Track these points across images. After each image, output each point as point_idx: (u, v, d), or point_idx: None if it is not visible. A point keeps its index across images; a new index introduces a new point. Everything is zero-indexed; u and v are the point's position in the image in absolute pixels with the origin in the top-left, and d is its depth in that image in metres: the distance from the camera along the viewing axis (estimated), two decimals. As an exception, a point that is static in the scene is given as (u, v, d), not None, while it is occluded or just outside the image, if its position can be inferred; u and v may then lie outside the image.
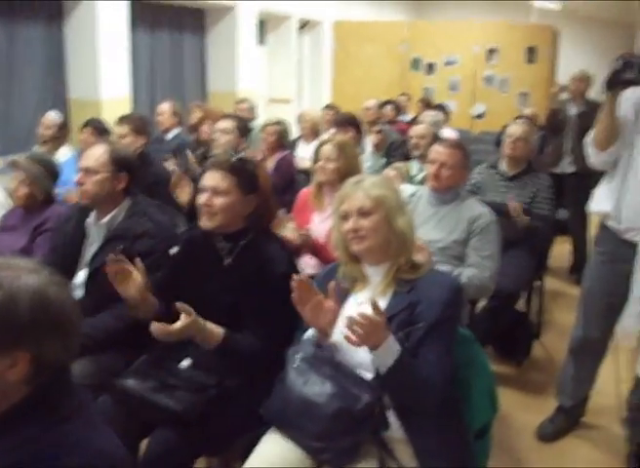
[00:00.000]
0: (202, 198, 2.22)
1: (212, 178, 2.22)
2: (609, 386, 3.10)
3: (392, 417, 1.86)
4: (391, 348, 1.77)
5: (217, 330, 2.11)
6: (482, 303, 3.53)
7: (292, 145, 5.57)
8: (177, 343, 2.14)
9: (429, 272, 2.00)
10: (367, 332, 1.71)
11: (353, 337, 1.73)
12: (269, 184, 2.43)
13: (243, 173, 2.25)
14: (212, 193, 2.20)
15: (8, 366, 1.16)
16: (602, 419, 3.25)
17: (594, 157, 2.76)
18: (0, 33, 6.01)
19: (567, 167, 5.33)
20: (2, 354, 1.16)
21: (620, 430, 3.04)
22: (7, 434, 1.17)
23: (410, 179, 4.12)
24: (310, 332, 1.99)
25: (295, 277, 1.89)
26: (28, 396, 1.20)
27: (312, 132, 5.78)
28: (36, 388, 1.21)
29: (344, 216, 2.01)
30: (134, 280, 2.13)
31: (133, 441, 2.08)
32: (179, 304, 1.99)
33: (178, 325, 1.98)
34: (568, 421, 3.16)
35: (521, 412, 3.31)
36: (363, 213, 1.97)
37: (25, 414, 1.19)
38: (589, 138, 2.75)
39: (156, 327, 1.98)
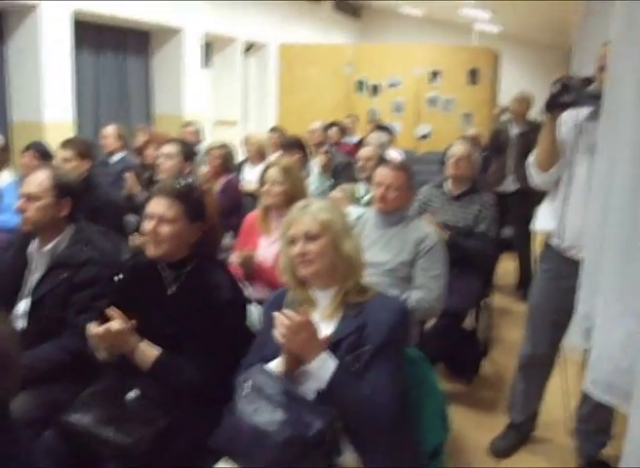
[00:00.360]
0: (148, 226, 2.19)
1: (158, 206, 2.19)
2: (557, 400, 3.14)
3: (345, 443, 1.85)
4: (326, 363, 1.79)
5: (152, 350, 2.09)
6: (431, 322, 3.55)
7: (238, 168, 5.55)
8: (123, 375, 2.10)
9: (377, 295, 2.00)
10: (291, 333, 1.75)
11: (280, 338, 1.76)
12: (216, 212, 2.41)
13: (190, 200, 2.23)
14: (158, 221, 2.17)
15: None
16: (552, 433, 3.30)
17: (536, 177, 2.83)
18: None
19: (510, 185, 5.45)
20: None
21: (570, 442, 3.11)
22: None
23: (357, 201, 4.14)
24: (274, 364, 1.95)
25: (279, 314, 1.85)
26: None
27: (258, 154, 5.78)
28: None
29: (292, 241, 2.00)
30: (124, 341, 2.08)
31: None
32: (109, 310, 1.99)
33: (112, 324, 1.99)
34: (519, 437, 3.20)
35: (473, 430, 3.34)
36: (310, 237, 1.97)
37: None
38: (531, 159, 2.82)
39: (94, 330, 1.97)
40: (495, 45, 11.29)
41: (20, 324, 2.47)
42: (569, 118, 2.66)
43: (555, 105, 2.57)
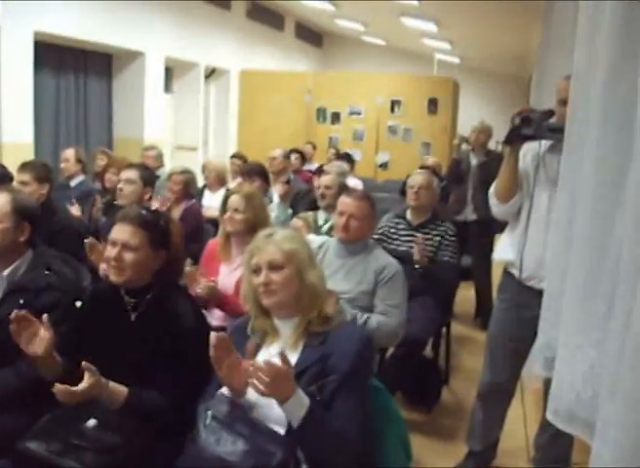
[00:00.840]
0: (111, 252, 2.16)
1: (122, 232, 2.18)
2: (517, 428, 3.18)
3: (306, 472, 1.84)
4: (301, 401, 1.76)
5: (120, 389, 2.04)
6: (390, 350, 3.57)
7: (199, 194, 5.53)
8: (81, 403, 2.05)
9: (339, 324, 2.01)
10: (273, 381, 1.70)
11: (260, 386, 1.71)
12: (180, 239, 2.40)
13: (154, 228, 2.22)
14: (122, 248, 2.15)
15: None
16: (512, 461, 3.31)
17: (496, 208, 2.88)
18: None
19: (469, 214, 5.54)
20: None
21: (530, 470, 3.13)
22: None
23: (317, 229, 4.15)
24: (224, 390, 1.94)
25: (214, 334, 1.84)
26: None
27: (217, 181, 5.77)
28: None
29: (255, 270, 1.99)
30: (40, 337, 2.02)
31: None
32: (84, 364, 1.92)
33: (81, 386, 1.91)
34: (479, 465, 3.19)
35: (433, 458, 3.33)
36: (274, 266, 1.97)
37: None
38: (491, 190, 2.87)
39: (59, 389, 1.90)
40: (455, 75, 11.55)
41: (-25, 350, 2.40)
42: (529, 150, 2.73)
43: (516, 138, 2.63)
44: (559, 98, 2.54)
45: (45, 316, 2.05)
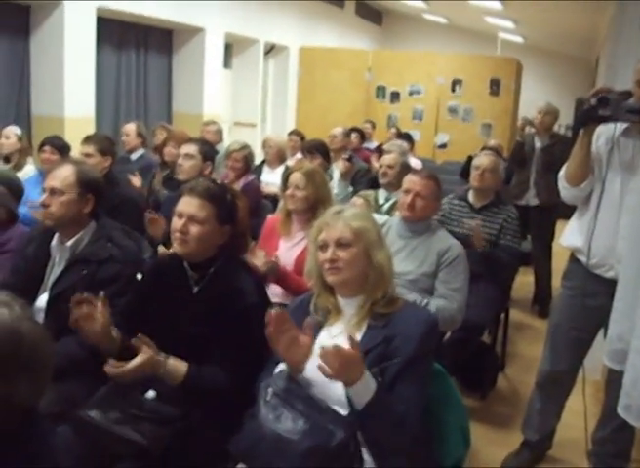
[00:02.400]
0: (177, 224, 2.16)
1: (189, 205, 2.16)
2: (575, 419, 3.08)
3: (366, 454, 1.81)
4: (368, 385, 1.74)
5: (179, 366, 2.04)
6: (448, 334, 3.51)
7: (256, 170, 5.53)
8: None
9: (405, 306, 1.97)
10: (341, 366, 1.67)
11: (327, 369, 1.68)
12: (247, 216, 2.38)
13: (221, 202, 2.20)
14: (188, 220, 2.14)
15: None
16: (568, 453, 3.24)
17: (566, 192, 2.77)
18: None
19: (531, 199, 5.40)
20: None
21: (586, 464, 3.04)
22: None
23: (377, 208, 4.11)
24: (283, 366, 1.92)
25: (271, 310, 1.82)
26: None
27: (277, 157, 5.76)
28: (2, 428, 1.14)
29: (322, 246, 1.97)
30: (97, 320, 2.02)
31: (93, 474, 2.00)
32: (139, 338, 1.93)
33: (133, 362, 1.92)
34: (533, 455, 3.14)
35: (486, 445, 3.28)
36: (342, 244, 1.93)
37: None
38: (561, 173, 2.77)
39: (110, 369, 1.92)
40: (518, 55, 11.23)
41: (40, 317, 2.45)
42: (602, 132, 2.61)
43: (592, 119, 2.51)
44: (637, 79, 2.42)
45: (102, 293, 2.05)
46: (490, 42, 13.27)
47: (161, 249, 3.46)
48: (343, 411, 1.81)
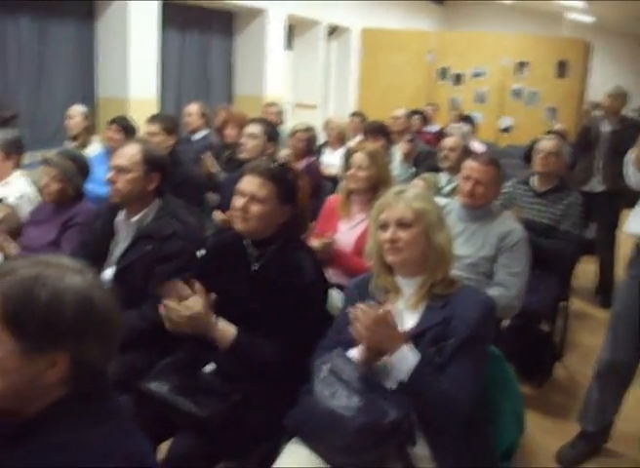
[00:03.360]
0: (238, 202, 2.19)
1: (251, 184, 2.20)
2: (634, 412, 3.03)
3: (419, 434, 1.83)
4: (407, 356, 1.77)
5: (229, 329, 2.09)
6: (506, 321, 3.47)
7: (318, 152, 5.55)
8: (201, 348, 2.12)
9: (464, 288, 1.97)
10: (369, 328, 1.75)
11: (362, 331, 1.76)
12: (307, 196, 2.40)
13: (283, 182, 2.23)
14: (249, 199, 2.18)
15: (47, 366, 1.15)
16: (626, 447, 3.16)
17: (634, 177, 2.69)
18: (32, 31, 6.07)
19: (596, 185, 5.25)
20: (42, 354, 1.14)
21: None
22: (40, 434, 1.16)
23: (438, 191, 4.08)
24: (354, 351, 1.93)
25: (363, 306, 1.82)
26: (65, 397, 1.19)
27: (338, 139, 5.76)
28: (73, 389, 1.20)
29: (383, 226, 1.98)
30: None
31: (152, 443, 2.06)
32: (197, 286, 2.01)
33: (187, 304, 2.00)
34: (589, 447, 3.07)
35: (541, 435, 3.24)
36: (402, 224, 1.94)
37: (60, 415, 1.18)
38: (630, 158, 2.69)
39: (166, 304, 2.00)
40: (587, 36, 10.88)
41: (105, 291, 2.54)
42: None
43: None
44: None
45: (198, 284, 2.09)
46: (554, 23, 12.85)
47: (218, 214, 3.50)
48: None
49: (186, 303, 2.02)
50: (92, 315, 1.18)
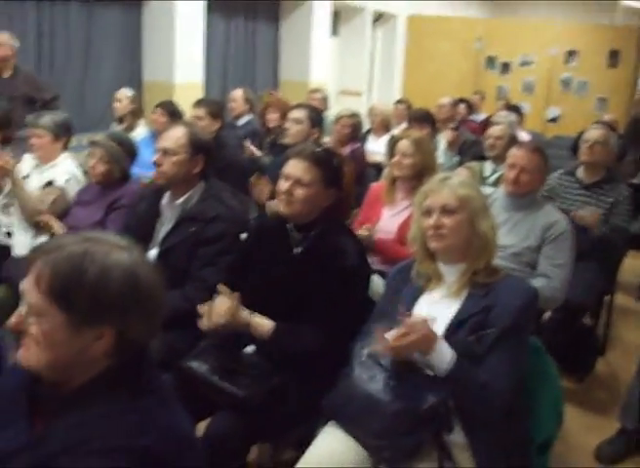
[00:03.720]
0: (283, 186, 2.21)
1: (296, 168, 2.21)
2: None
3: (455, 421, 1.82)
4: (443, 353, 1.78)
5: (265, 322, 2.10)
6: (548, 314, 3.44)
7: (362, 138, 5.54)
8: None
9: (506, 277, 1.95)
10: (411, 347, 1.77)
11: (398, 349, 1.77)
12: (352, 181, 2.40)
13: (327, 166, 2.23)
14: (294, 182, 2.19)
15: (93, 338, 1.19)
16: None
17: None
18: (79, 15, 6.16)
19: (646, 178, 5.14)
20: (89, 327, 1.18)
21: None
22: (83, 406, 1.19)
23: (482, 181, 4.04)
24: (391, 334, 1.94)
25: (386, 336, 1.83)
26: (109, 369, 1.22)
27: (383, 126, 5.74)
28: (117, 362, 1.23)
29: (427, 212, 1.98)
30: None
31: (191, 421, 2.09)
32: (220, 286, 2.04)
33: (216, 307, 2.04)
34: (629, 445, 3.00)
35: (579, 429, 3.18)
36: (446, 210, 1.94)
37: (104, 386, 1.21)
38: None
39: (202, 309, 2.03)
40: (641, 23, 10.59)
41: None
42: None
43: None
44: None
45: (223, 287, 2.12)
46: (607, 10, 12.51)
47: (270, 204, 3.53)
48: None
49: (217, 310, 2.04)
50: (137, 291, 1.21)
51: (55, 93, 5.19)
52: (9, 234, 3.38)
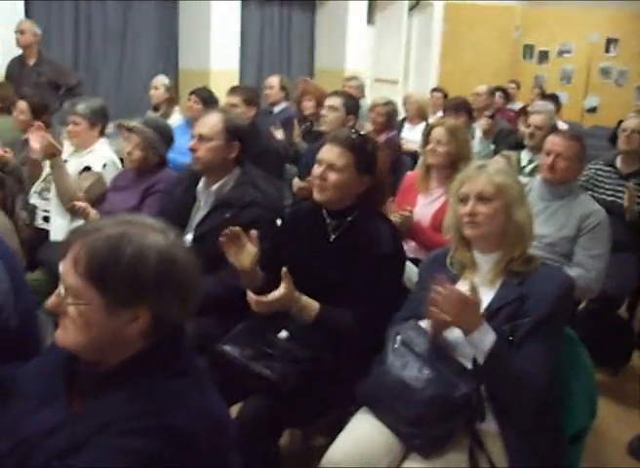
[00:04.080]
0: (317, 170, 2.21)
1: (330, 153, 2.21)
2: None
3: (488, 410, 1.82)
4: (486, 335, 1.76)
5: (312, 304, 2.10)
6: (583, 304, 3.39)
7: (398, 127, 5.52)
8: (275, 314, 2.16)
9: (542, 266, 1.94)
10: (454, 307, 1.72)
11: (441, 314, 1.74)
12: (387, 168, 2.40)
13: (362, 152, 2.22)
14: (327, 167, 2.19)
15: (129, 319, 1.20)
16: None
17: None
18: (117, 3, 6.21)
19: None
20: (125, 308, 1.20)
21: None
22: (119, 385, 1.21)
23: (519, 170, 4.00)
24: (425, 324, 1.94)
25: (450, 286, 1.81)
26: (144, 350, 1.24)
27: (418, 114, 5.72)
28: (153, 343, 1.24)
29: (463, 199, 1.97)
30: (248, 252, 2.11)
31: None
32: (283, 271, 2.00)
33: (274, 294, 1.99)
34: None
35: (613, 423, 3.14)
36: (483, 198, 1.93)
37: (140, 367, 1.23)
38: None
39: (252, 297, 2.00)
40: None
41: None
42: None
43: None
44: None
45: (254, 231, 2.13)
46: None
47: (297, 182, 3.53)
48: (470, 367, 1.83)
49: (273, 293, 2.02)
50: (173, 272, 1.22)
51: (79, 78, 5.25)
52: (46, 219, 3.44)
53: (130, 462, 1.12)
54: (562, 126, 5.73)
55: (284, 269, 2.00)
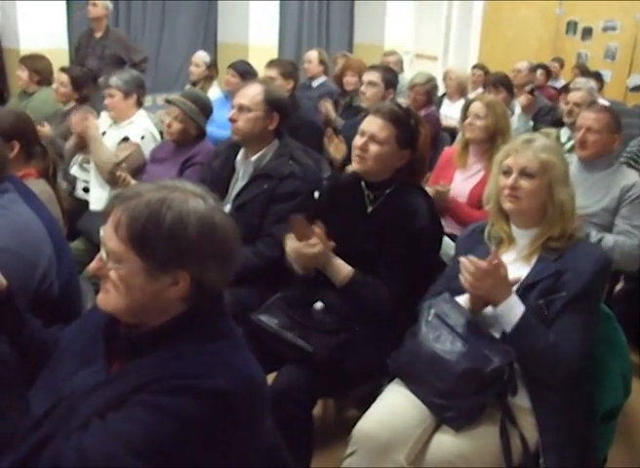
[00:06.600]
0: (358, 141, 2.21)
1: (372, 124, 2.21)
2: None
3: (520, 385, 1.83)
4: (514, 307, 1.77)
5: (346, 267, 2.13)
6: (620, 285, 3.35)
7: (438, 102, 5.46)
8: (311, 285, 2.18)
9: (579, 242, 1.93)
10: (478, 279, 1.75)
11: (470, 281, 1.76)
12: (428, 144, 2.38)
13: (404, 126, 2.22)
14: (368, 139, 2.19)
15: (170, 283, 1.23)
16: None
17: None
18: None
19: None
20: (166, 272, 1.22)
21: None
22: (159, 347, 1.24)
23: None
24: (462, 299, 1.95)
25: (473, 258, 1.82)
26: (184, 313, 1.27)
27: (457, 90, 5.65)
28: (192, 307, 1.27)
29: (506, 171, 1.96)
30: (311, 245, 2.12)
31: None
32: (316, 229, 2.04)
33: (310, 244, 2.04)
34: None
35: (644, 405, 3.13)
36: (526, 173, 1.92)
37: (179, 329, 1.25)
38: None
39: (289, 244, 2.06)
40: None
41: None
42: None
43: None
44: None
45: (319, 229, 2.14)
46: None
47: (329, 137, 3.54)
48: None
49: (310, 242, 2.07)
50: (213, 237, 1.24)
51: (145, 55, 5.30)
52: (86, 190, 3.51)
53: (164, 420, 1.14)
54: (603, 103, 5.61)
55: (317, 228, 2.05)
